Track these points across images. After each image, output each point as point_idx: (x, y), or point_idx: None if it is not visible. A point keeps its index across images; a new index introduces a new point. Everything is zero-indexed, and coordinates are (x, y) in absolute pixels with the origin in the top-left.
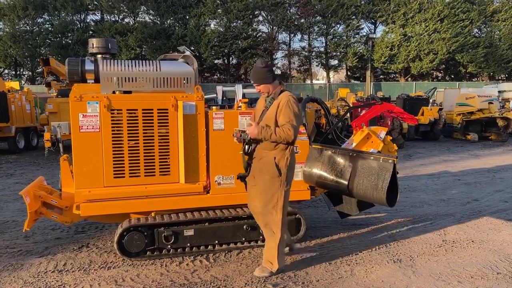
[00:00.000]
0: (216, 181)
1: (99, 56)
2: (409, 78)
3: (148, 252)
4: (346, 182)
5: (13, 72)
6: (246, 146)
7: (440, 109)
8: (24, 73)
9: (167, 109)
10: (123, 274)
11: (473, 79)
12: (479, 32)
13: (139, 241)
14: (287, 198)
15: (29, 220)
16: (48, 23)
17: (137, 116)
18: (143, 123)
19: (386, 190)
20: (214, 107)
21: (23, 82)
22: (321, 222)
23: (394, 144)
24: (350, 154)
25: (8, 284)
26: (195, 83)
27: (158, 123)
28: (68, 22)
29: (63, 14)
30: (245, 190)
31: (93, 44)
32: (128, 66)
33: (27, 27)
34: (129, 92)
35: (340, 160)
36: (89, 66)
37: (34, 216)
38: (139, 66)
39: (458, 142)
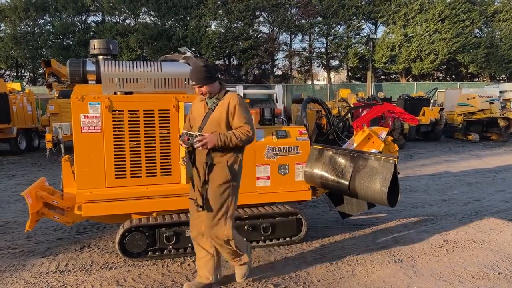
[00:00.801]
0: None
1: (100, 57)
2: (410, 79)
3: (149, 253)
4: (347, 183)
5: (15, 74)
6: (190, 153)
7: (441, 110)
8: (25, 74)
9: (168, 110)
10: (125, 275)
11: (474, 80)
12: (480, 33)
13: (141, 242)
14: (236, 206)
15: (31, 220)
16: (49, 24)
17: (138, 117)
18: (144, 123)
19: (387, 190)
20: None
21: (24, 83)
22: (322, 223)
23: (395, 145)
24: (351, 154)
25: (10, 284)
26: None
27: (160, 123)
28: (69, 23)
29: (64, 16)
30: (246, 190)
31: (94, 45)
32: (129, 67)
33: (29, 28)
34: (131, 93)
35: (341, 160)
36: (90, 67)
37: (36, 216)
38: (140, 67)
39: (459, 142)
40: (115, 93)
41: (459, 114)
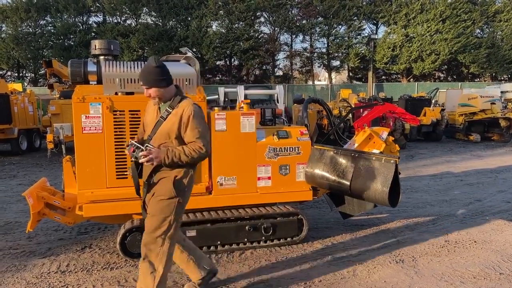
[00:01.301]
0: (218, 181)
1: (101, 57)
2: (411, 79)
3: None
4: (348, 183)
5: (16, 74)
6: (137, 165)
7: (442, 110)
8: (26, 75)
9: None
10: (126, 275)
11: (476, 80)
12: (481, 33)
13: None
14: (179, 226)
15: (32, 221)
16: (50, 25)
17: (139, 117)
18: None
19: (388, 191)
20: (216, 108)
21: (25, 84)
22: (323, 223)
23: (396, 145)
24: (352, 154)
25: (11, 285)
26: (197, 84)
27: None
28: (70, 24)
29: (65, 16)
30: (247, 190)
31: (95, 46)
32: (130, 67)
33: (30, 29)
34: (132, 93)
35: (342, 160)
36: (91, 67)
37: (37, 217)
38: (141, 67)
39: (460, 142)
40: (116, 93)
41: (460, 114)
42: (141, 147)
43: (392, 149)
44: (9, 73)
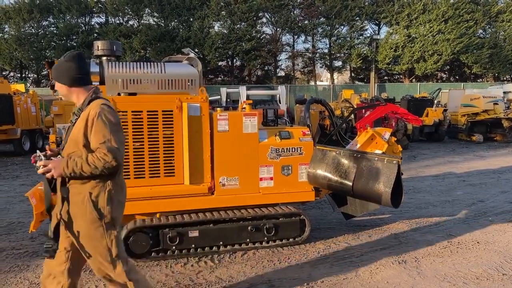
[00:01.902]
0: (220, 182)
1: (104, 58)
2: (414, 79)
3: (153, 253)
4: (350, 183)
5: (19, 75)
6: (50, 180)
7: (445, 110)
8: (29, 75)
9: (171, 111)
10: None
11: (478, 80)
12: (483, 33)
13: (144, 242)
14: (120, 239)
15: (35, 221)
16: (53, 26)
17: (142, 118)
18: (148, 124)
19: (391, 191)
20: (218, 109)
21: (28, 84)
22: (326, 224)
23: (399, 145)
24: (355, 155)
25: (14, 285)
26: (200, 84)
27: (163, 124)
28: (73, 25)
29: (68, 17)
30: (250, 191)
31: (98, 47)
32: (133, 68)
33: (32, 30)
34: (134, 94)
35: (345, 161)
36: (94, 68)
37: (40, 217)
38: (144, 68)
39: (463, 143)
40: (118, 94)
41: (462, 114)
42: (42, 156)
43: (395, 150)
44: (11, 73)
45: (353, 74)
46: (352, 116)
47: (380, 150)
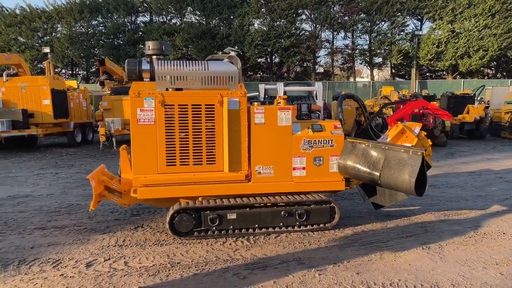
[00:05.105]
0: (256, 170)
1: (154, 57)
2: (457, 76)
3: (195, 233)
4: (378, 173)
5: (70, 72)
6: None
7: (487, 107)
8: (79, 72)
9: (213, 105)
10: (174, 250)
11: None
12: None
13: (188, 222)
14: None
15: (94, 201)
16: (101, 25)
17: (187, 111)
18: (192, 117)
19: (415, 180)
20: (255, 103)
21: (78, 81)
22: (356, 213)
23: (429, 140)
24: (382, 147)
25: (77, 254)
26: (239, 81)
27: (206, 117)
28: (120, 24)
29: (115, 17)
30: (283, 179)
31: (149, 47)
32: (180, 66)
33: (83, 29)
34: (181, 89)
35: (373, 153)
36: (145, 66)
37: (98, 198)
38: (189, 66)
39: (505, 141)
40: (167, 89)
41: (506, 112)
42: None
43: (424, 144)
44: (63, 70)
45: (393, 71)
46: (391, 111)
47: (410, 143)
